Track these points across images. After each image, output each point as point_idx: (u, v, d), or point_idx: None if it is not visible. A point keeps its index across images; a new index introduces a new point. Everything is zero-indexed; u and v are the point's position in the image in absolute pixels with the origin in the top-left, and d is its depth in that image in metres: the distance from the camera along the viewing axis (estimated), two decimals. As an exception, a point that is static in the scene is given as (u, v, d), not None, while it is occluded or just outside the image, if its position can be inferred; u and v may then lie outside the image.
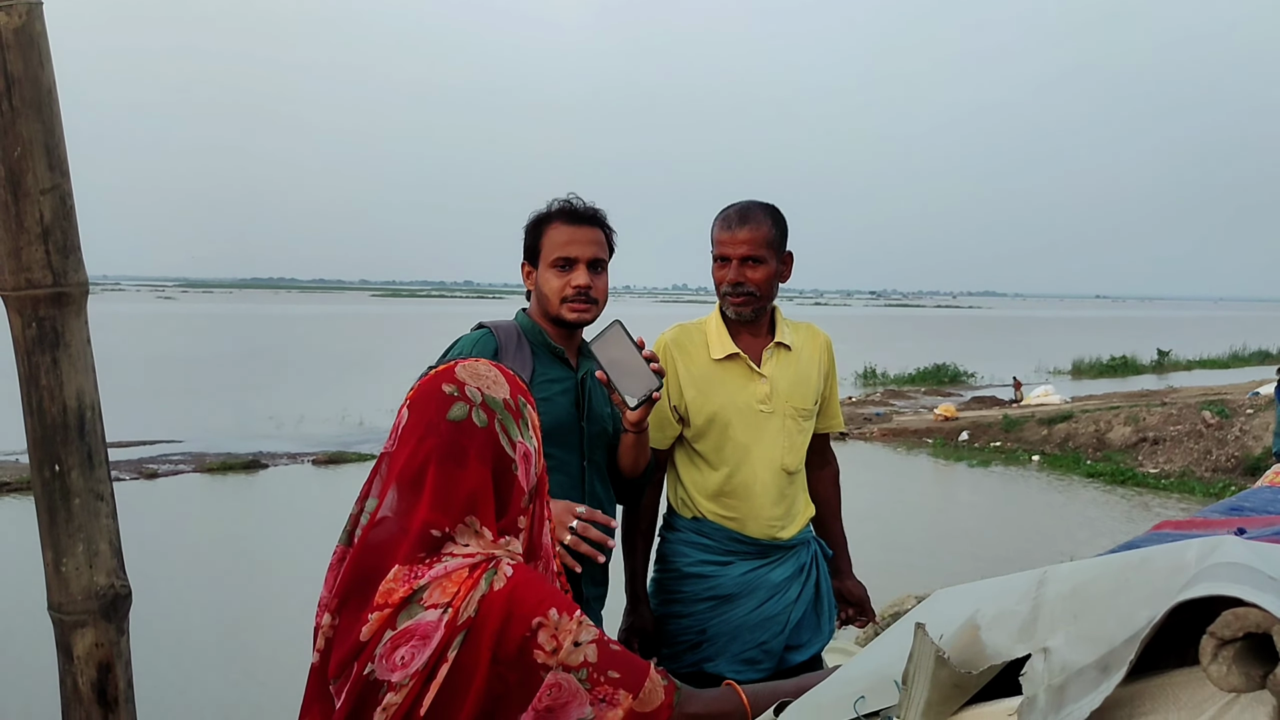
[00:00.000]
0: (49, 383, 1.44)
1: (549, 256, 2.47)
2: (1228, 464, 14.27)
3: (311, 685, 1.45)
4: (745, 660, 2.68)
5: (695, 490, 2.75)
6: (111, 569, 1.50)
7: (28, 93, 1.39)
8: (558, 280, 2.46)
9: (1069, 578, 1.19)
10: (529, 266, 2.55)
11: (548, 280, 2.48)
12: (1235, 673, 0.89)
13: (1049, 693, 1.09)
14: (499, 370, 1.53)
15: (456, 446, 1.42)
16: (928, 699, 1.18)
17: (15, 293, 1.42)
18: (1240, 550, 1.00)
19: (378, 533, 1.41)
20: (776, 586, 2.72)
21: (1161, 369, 32.71)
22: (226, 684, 6.49)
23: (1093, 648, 1.08)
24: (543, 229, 2.50)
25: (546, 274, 2.48)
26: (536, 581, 1.42)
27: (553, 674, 1.36)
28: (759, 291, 2.68)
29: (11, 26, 1.36)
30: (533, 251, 2.52)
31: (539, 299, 2.52)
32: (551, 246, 2.47)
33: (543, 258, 2.49)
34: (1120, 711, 1.05)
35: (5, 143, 1.38)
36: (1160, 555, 1.10)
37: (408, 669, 1.33)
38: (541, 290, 2.50)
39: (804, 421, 2.79)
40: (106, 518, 1.49)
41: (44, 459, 1.45)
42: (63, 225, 1.42)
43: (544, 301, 2.50)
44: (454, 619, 1.34)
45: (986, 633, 1.22)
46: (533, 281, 2.54)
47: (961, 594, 1.38)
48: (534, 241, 2.52)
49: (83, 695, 1.50)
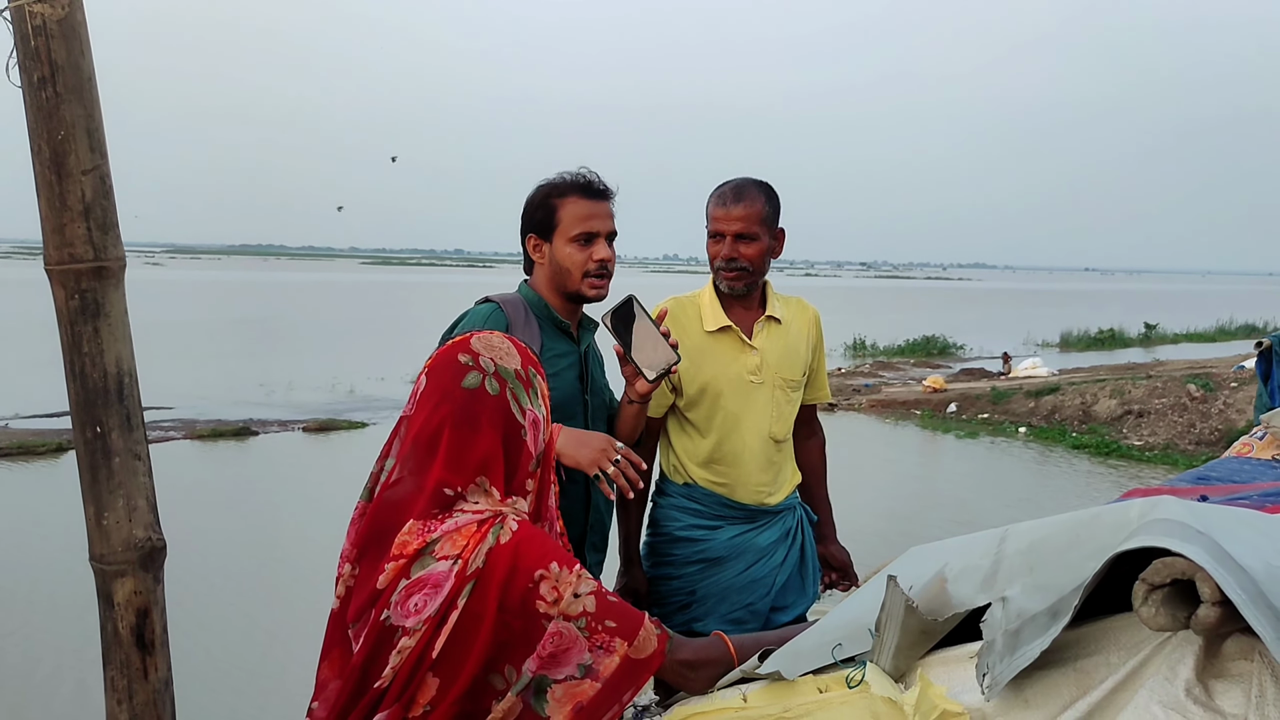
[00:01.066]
0: (90, 350, 1.53)
1: (569, 231, 2.44)
2: (1211, 437, 14.39)
3: (331, 630, 1.56)
4: (733, 620, 2.77)
5: (686, 457, 2.84)
6: (148, 523, 1.60)
7: (70, 79, 1.48)
8: (580, 254, 2.44)
9: (1027, 534, 1.31)
10: (537, 239, 2.50)
11: (569, 254, 2.45)
12: (1163, 614, 1.01)
13: (1006, 637, 1.20)
14: (511, 342, 1.63)
15: (470, 412, 1.52)
16: (898, 644, 1.30)
17: (59, 267, 1.51)
18: (1176, 508, 1.12)
19: (395, 490, 1.51)
20: (763, 550, 2.82)
21: (1149, 342, 32.82)
22: (245, 633, 6.67)
23: (1045, 596, 1.19)
24: (559, 202, 2.46)
25: (567, 248, 2.45)
26: (540, 537, 1.52)
27: (554, 623, 1.46)
28: (751, 267, 2.75)
29: (55, 17, 1.45)
30: (545, 224, 2.47)
31: (556, 273, 2.48)
32: (572, 220, 2.44)
33: (559, 232, 2.45)
34: (1068, 652, 1.17)
35: (49, 126, 1.47)
36: (1108, 513, 1.21)
37: (420, 615, 1.43)
38: (560, 264, 2.46)
39: (792, 392, 2.87)
40: (144, 475, 1.59)
41: (86, 421, 1.55)
42: (102, 204, 1.52)
43: (563, 276, 2.47)
44: (463, 569, 1.44)
45: (953, 585, 1.33)
46: (542, 255, 2.49)
47: (932, 550, 1.49)
48: (547, 215, 2.47)
49: (123, 639, 1.61)
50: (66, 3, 1.46)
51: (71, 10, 1.47)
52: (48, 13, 1.44)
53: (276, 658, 6.24)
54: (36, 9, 1.42)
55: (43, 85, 1.47)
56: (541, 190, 2.51)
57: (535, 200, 2.51)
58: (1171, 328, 35.81)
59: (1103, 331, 32.51)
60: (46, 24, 1.45)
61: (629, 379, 2.38)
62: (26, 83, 1.48)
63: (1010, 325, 35.81)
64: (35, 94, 1.47)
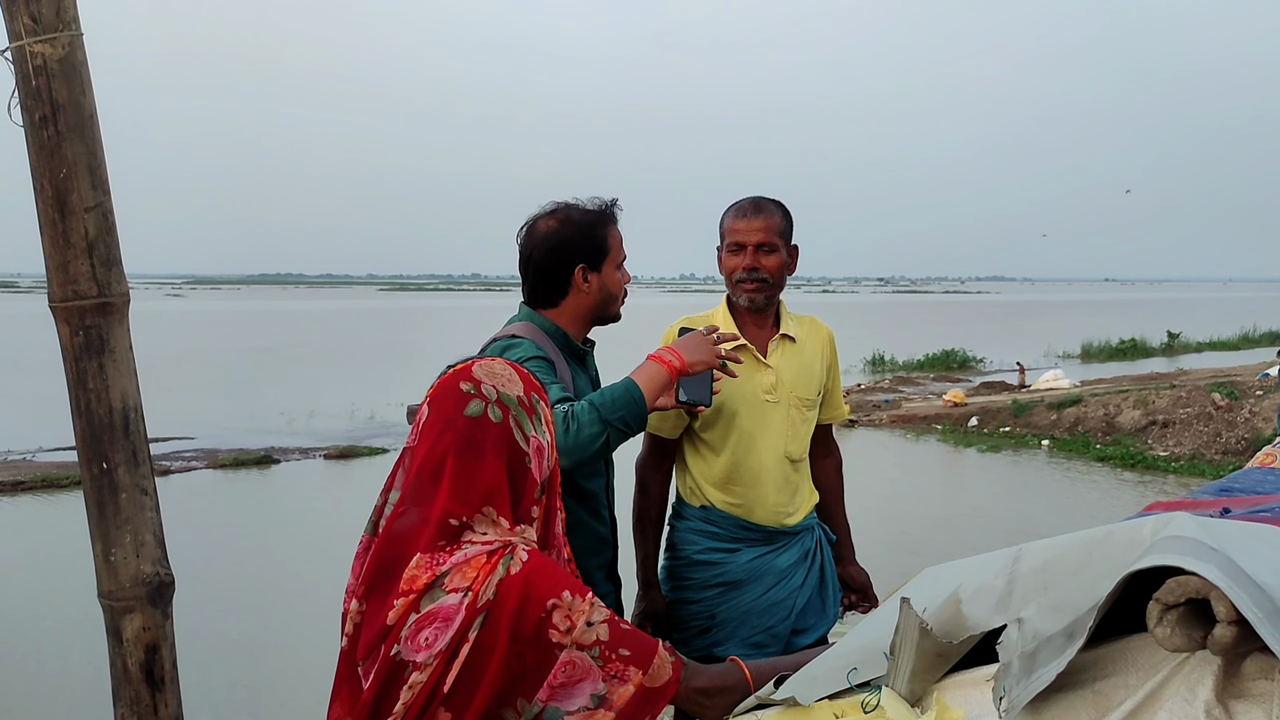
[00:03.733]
0: (96, 386, 1.54)
1: (617, 258, 2.56)
2: (1238, 446, 14.25)
3: (341, 668, 1.54)
4: (753, 644, 2.76)
5: (703, 479, 2.82)
6: (156, 558, 1.60)
7: (71, 118, 1.49)
8: (624, 279, 2.59)
9: (1041, 554, 1.28)
10: (586, 268, 2.51)
11: (618, 280, 2.57)
12: (1178, 634, 0.98)
13: (1022, 659, 1.18)
14: (513, 369, 1.62)
15: (473, 440, 1.51)
16: (913, 667, 1.28)
17: (63, 304, 1.52)
18: (1189, 525, 1.10)
19: (400, 523, 1.50)
20: (783, 572, 2.80)
21: (1171, 351, 32.59)
22: (257, 669, 6.67)
23: (1060, 617, 1.17)
24: (605, 232, 2.53)
25: (616, 274, 2.56)
26: (550, 566, 1.51)
27: (567, 652, 1.44)
28: (772, 278, 2.76)
29: (56, 57, 1.46)
30: (599, 254, 2.51)
31: (604, 299, 2.55)
32: (617, 248, 2.55)
33: (610, 259, 2.53)
34: (1085, 674, 1.15)
35: (52, 164, 1.48)
36: (1121, 531, 1.19)
37: (432, 649, 1.42)
38: (610, 290, 2.56)
39: (807, 411, 2.86)
40: (150, 511, 1.59)
41: (92, 457, 1.56)
42: (105, 240, 1.52)
43: (610, 302, 2.57)
44: (474, 601, 1.43)
45: (967, 606, 1.31)
46: (589, 283, 2.51)
47: (946, 571, 1.47)
48: (601, 244, 2.51)
49: (132, 675, 1.60)
50: (67, 42, 1.47)
51: (72, 49, 1.48)
52: (48, 52, 1.45)
53: (289, 694, 6.22)
54: (37, 49, 1.43)
55: (44, 124, 1.48)
56: (588, 221, 2.53)
57: (583, 231, 2.52)
58: (1194, 336, 35.56)
59: (1124, 342, 32.31)
60: (47, 63, 1.46)
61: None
62: (28, 121, 1.49)
63: (1030, 337, 35.65)
64: (37, 133, 1.49)
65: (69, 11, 1.47)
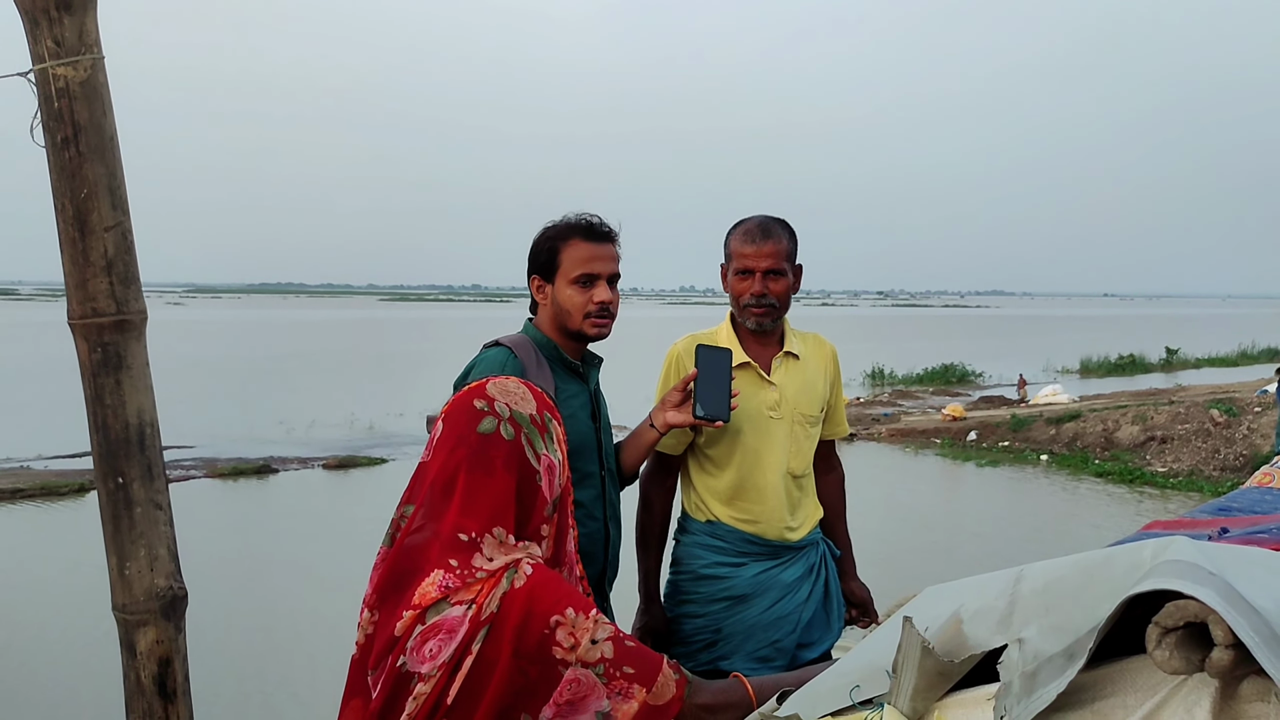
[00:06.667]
0: (113, 402, 1.56)
1: (570, 273, 2.49)
2: (1236, 462, 14.26)
3: (352, 677, 1.56)
4: (759, 658, 2.76)
5: (708, 495, 2.84)
6: (170, 572, 1.63)
7: (92, 139, 1.51)
8: (580, 296, 2.48)
9: (1042, 575, 1.30)
10: (540, 280, 2.55)
11: (569, 296, 2.49)
12: (1177, 657, 1.01)
13: (1023, 679, 1.20)
14: (527, 387, 1.65)
15: (485, 457, 1.54)
16: (915, 686, 1.30)
17: (82, 321, 1.54)
18: (1188, 548, 1.12)
19: (414, 537, 1.53)
20: (788, 587, 2.81)
21: (1170, 367, 32.63)
22: (263, 680, 6.68)
23: (1061, 638, 1.19)
24: (560, 245, 2.51)
25: (567, 290, 2.49)
26: (554, 581, 1.53)
27: (571, 670, 1.46)
28: (779, 303, 2.78)
29: (77, 79, 1.49)
30: (548, 266, 2.52)
31: (557, 314, 2.53)
32: (573, 263, 2.49)
33: (561, 273, 2.50)
34: (1085, 695, 1.17)
35: (73, 185, 1.50)
36: (1121, 554, 1.21)
37: (435, 661, 1.44)
38: (562, 306, 2.51)
39: (810, 428, 2.88)
40: (165, 525, 1.61)
41: (108, 471, 1.58)
42: (124, 259, 1.55)
43: (564, 317, 2.52)
44: (477, 614, 1.45)
45: (969, 625, 1.33)
46: (545, 295, 2.55)
47: (947, 590, 1.49)
48: (550, 257, 2.52)
49: (145, 688, 1.62)
50: (89, 65, 1.50)
51: (94, 72, 1.50)
52: (70, 75, 1.48)
53: (298, 703, 6.23)
54: (59, 71, 1.46)
55: (66, 145, 1.50)
56: (544, 233, 2.56)
57: (539, 243, 2.56)
58: (1193, 352, 35.59)
59: (1123, 357, 32.35)
60: (69, 86, 1.49)
61: (669, 405, 2.54)
62: (50, 143, 1.52)
63: (1029, 352, 35.70)
64: (59, 154, 1.51)
65: (91, 35, 1.50)
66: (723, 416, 2.52)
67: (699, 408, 2.49)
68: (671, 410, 2.55)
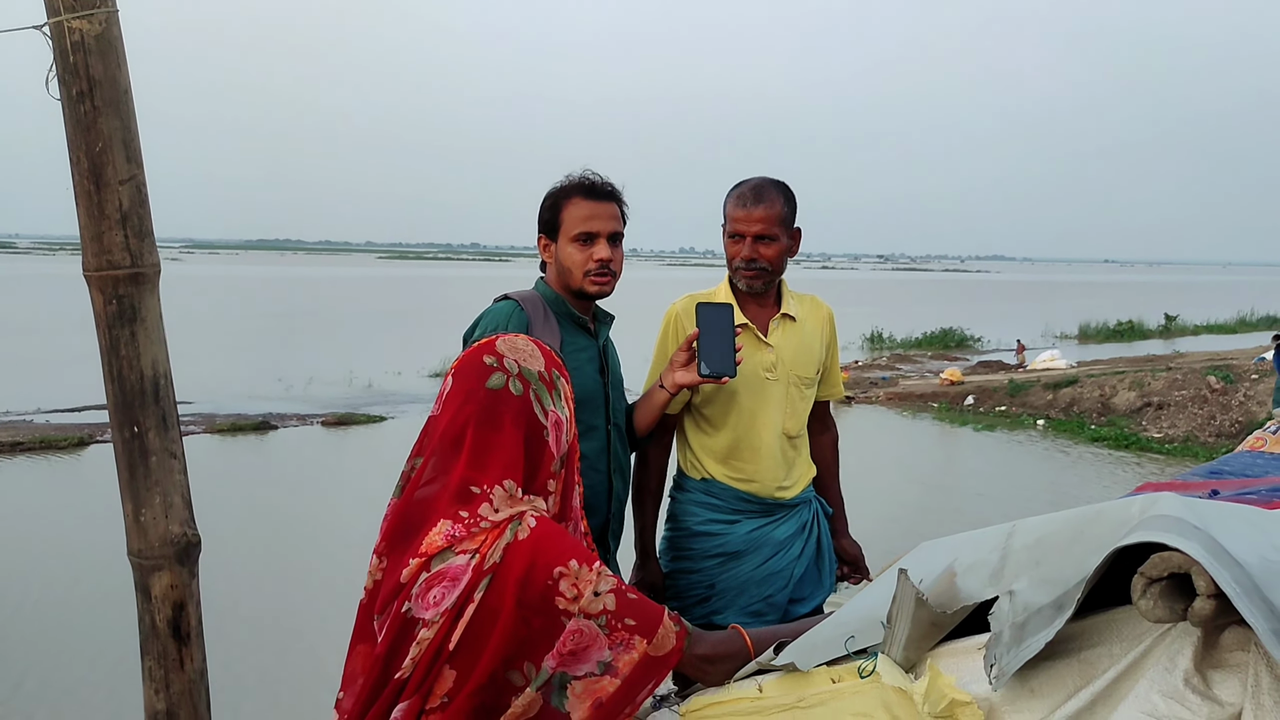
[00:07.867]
0: (128, 353, 1.59)
1: (570, 231, 2.55)
2: (1232, 429, 14.33)
3: (360, 622, 1.60)
4: (752, 613, 2.81)
5: (703, 453, 2.88)
6: (184, 519, 1.66)
7: (107, 93, 1.53)
8: (580, 254, 2.54)
9: (1033, 530, 1.34)
10: (546, 239, 2.62)
11: (570, 254, 2.55)
12: (1161, 606, 1.05)
13: (1012, 629, 1.24)
14: (535, 345, 1.68)
15: (493, 412, 1.57)
16: (908, 635, 1.34)
17: (97, 273, 1.57)
18: (1175, 505, 1.16)
19: (424, 489, 1.56)
20: (781, 543, 2.86)
21: (1168, 334, 32.68)
22: (274, 624, 6.80)
23: (1050, 589, 1.23)
24: (562, 204, 2.56)
25: (568, 248, 2.55)
26: (558, 534, 1.56)
27: (574, 620, 1.49)
28: (770, 267, 2.79)
29: (92, 33, 1.50)
30: (551, 225, 2.59)
31: (560, 272, 2.59)
32: (572, 221, 2.54)
33: (563, 232, 2.56)
34: (1072, 644, 1.21)
35: (88, 138, 1.52)
36: (1110, 509, 1.25)
37: (439, 607, 1.47)
38: (563, 264, 2.57)
39: (806, 389, 2.91)
40: (179, 473, 1.65)
41: (123, 421, 1.61)
42: (139, 212, 1.57)
43: (565, 275, 2.57)
44: (480, 564, 1.48)
45: (962, 578, 1.37)
46: (550, 254, 2.61)
47: (942, 545, 1.53)
48: (553, 216, 2.58)
49: (160, 631, 1.67)
50: (104, 18, 1.51)
51: (109, 25, 1.52)
52: (86, 28, 1.50)
53: (305, 648, 6.33)
54: (75, 25, 1.48)
55: (81, 99, 1.52)
56: (550, 192, 2.62)
57: (544, 203, 2.62)
58: (1191, 319, 35.61)
59: (1122, 323, 32.37)
60: (85, 39, 1.50)
61: (677, 365, 2.58)
62: (65, 96, 1.53)
63: (1028, 317, 35.72)
64: (74, 107, 1.53)
65: (105, -12, 1.51)
66: (729, 372, 2.55)
67: (704, 365, 2.53)
68: (680, 370, 2.59)
